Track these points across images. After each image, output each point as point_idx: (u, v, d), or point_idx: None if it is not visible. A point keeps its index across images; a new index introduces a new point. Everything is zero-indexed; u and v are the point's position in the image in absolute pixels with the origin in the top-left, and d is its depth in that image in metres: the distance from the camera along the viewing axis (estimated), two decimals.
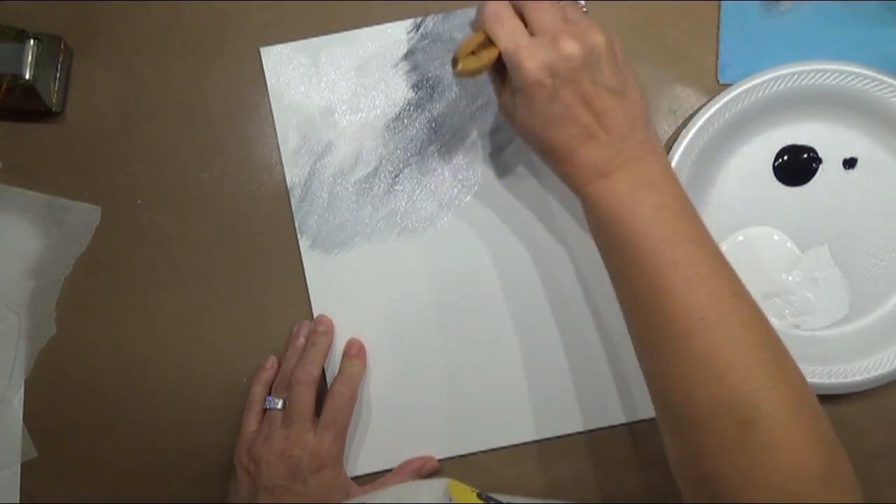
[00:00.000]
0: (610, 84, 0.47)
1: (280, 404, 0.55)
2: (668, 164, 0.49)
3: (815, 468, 0.41)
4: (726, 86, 0.58)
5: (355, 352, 0.58)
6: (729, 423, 0.42)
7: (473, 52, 0.47)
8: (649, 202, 0.46)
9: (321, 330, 0.58)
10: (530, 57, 0.45)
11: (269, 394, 0.57)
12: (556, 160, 0.48)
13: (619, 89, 0.47)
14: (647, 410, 0.58)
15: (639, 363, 0.48)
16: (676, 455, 0.46)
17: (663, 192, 0.47)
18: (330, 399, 0.55)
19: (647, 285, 0.45)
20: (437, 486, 0.46)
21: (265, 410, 0.57)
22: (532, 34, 0.46)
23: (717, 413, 0.42)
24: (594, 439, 0.58)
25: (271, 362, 0.58)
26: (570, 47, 0.45)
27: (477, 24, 0.48)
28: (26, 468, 0.58)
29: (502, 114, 0.49)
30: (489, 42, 0.47)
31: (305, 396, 0.55)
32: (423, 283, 0.59)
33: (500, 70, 0.48)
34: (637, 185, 0.47)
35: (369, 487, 0.57)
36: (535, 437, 0.58)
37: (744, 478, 0.42)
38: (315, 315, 0.59)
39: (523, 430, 0.58)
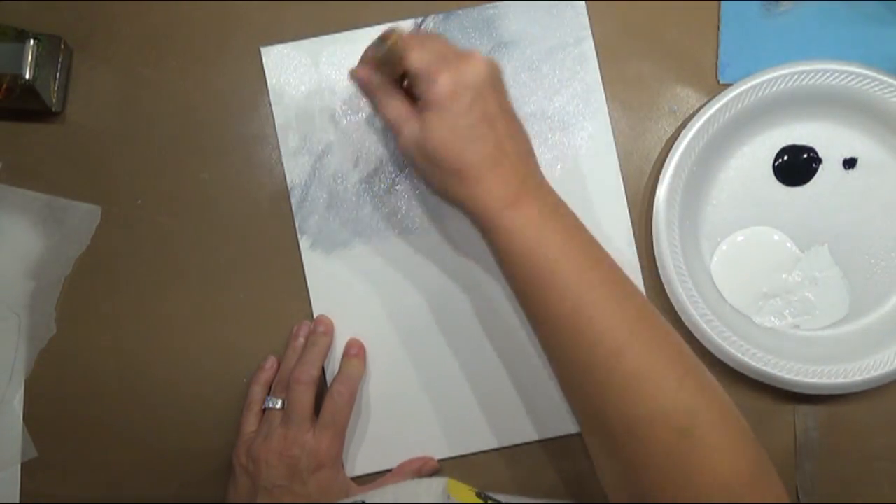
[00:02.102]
0: (511, 108, 0.49)
1: (279, 404, 0.55)
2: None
3: (747, 469, 0.43)
4: (726, 86, 0.58)
5: (355, 352, 0.58)
6: (668, 433, 0.43)
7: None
8: (562, 228, 0.48)
9: (321, 330, 0.58)
10: (444, 71, 0.46)
11: (269, 394, 0.57)
12: (466, 184, 0.47)
13: (516, 116, 0.49)
14: None
15: (563, 389, 0.49)
16: (613, 475, 0.46)
17: (570, 218, 0.49)
18: (329, 399, 0.55)
19: (571, 308, 0.46)
20: (436, 485, 0.46)
21: (264, 410, 0.57)
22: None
23: (656, 424, 0.43)
24: None
25: (270, 363, 0.58)
26: (478, 63, 0.47)
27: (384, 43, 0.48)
28: (26, 468, 0.58)
29: (404, 145, 0.49)
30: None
31: (304, 396, 0.55)
32: (423, 283, 0.59)
33: (400, 102, 0.49)
34: (547, 213, 0.48)
35: (368, 487, 0.57)
36: (535, 438, 0.58)
37: (684, 485, 0.43)
38: (315, 315, 0.59)
39: (523, 431, 0.58)
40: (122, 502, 0.59)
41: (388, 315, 0.59)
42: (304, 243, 0.59)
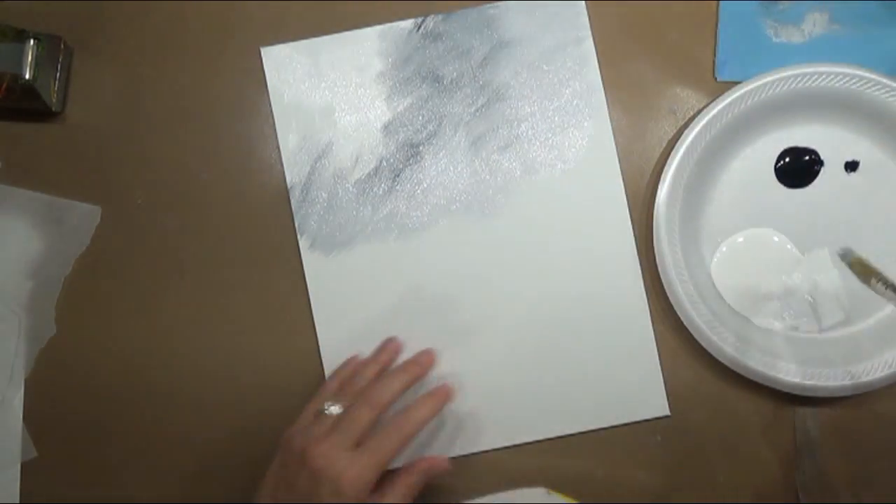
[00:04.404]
0: None
1: (334, 411, 0.52)
2: None
3: None
4: (725, 85, 0.58)
5: (438, 396, 0.54)
6: None
7: None
8: None
9: (421, 361, 0.56)
10: None
11: (332, 398, 0.54)
12: None
13: None
14: (648, 411, 0.58)
15: None
16: None
17: None
18: (385, 428, 0.51)
19: None
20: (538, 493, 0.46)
21: (321, 411, 0.53)
22: None
23: None
24: (595, 439, 0.58)
25: (354, 363, 0.57)
26: None
27: None
28: (26, 468, 0.58)
29: None
30: None
31: (364, 417, 0.51)
32: (422, 284, 0.59)
33: None
34: None
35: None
36: (536, 437, 0.58)
37: None
38: (315, 315, 0.59)
39: (524, 430, 0.58)
40: (122, 502, 0.59)
41: (387, 315, 0.59)
42: (303, 243, 0.59)
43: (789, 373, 0.55)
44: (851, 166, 0.58)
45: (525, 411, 0.58)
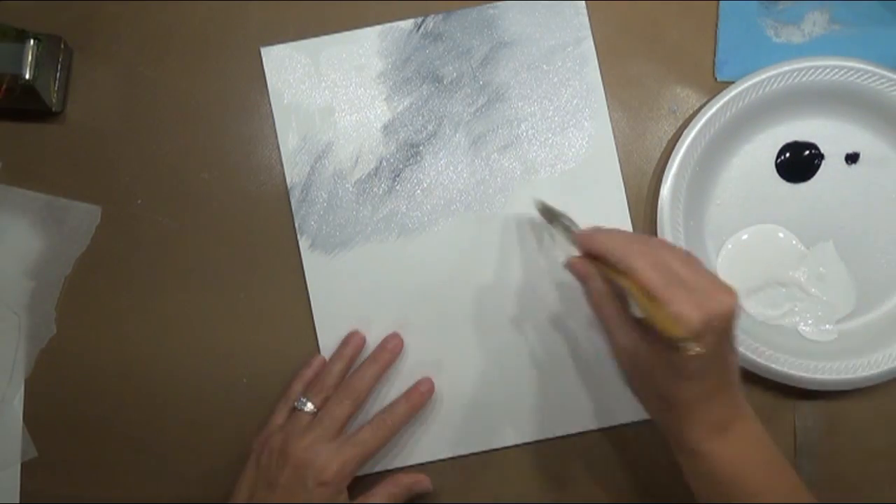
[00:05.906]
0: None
1: (309, 407, 0.54)
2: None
3: None
4: (725, 85, 0.58)
5: (417, 388, 0.57)
6: None
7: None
8: (766, 461, 0.46)
9: (389, 348, 0.57)
10: (690, 306, 0.42)
11: (303, 393, 0.56)
12: (673, 414, 0.46)
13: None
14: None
15: None
16: None
17: (772, 449, 0.47)
18: (372, 423, 0.54)
19: None
20: None
21: (295, 407, 0.55)
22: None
23: None
24: (595, 440, 0.58)
25: (318, 362, 0.57)
26: (732, 301, 0.43)
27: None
28: (26, 468, 0.58)
29: (616, 350, 0.48)
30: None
31: (342, 410, 0.53)
32: (423, 284, 0.59)
33: (617, 304, 0.47)
34: (753, 443, 0.46)
35: None
36: (535, 438, 0.58)
37: None
38: (315, 315, 0.59)
39: (523, 431, 0.58)
40: (122, 502, 0.59)
41: (387, 315, 0.59)
42: (303, 243, 0.59)
43: (797, 367, 0.55)
44: (852, 158, 0.58)
45: (525, 411, 0.58)
